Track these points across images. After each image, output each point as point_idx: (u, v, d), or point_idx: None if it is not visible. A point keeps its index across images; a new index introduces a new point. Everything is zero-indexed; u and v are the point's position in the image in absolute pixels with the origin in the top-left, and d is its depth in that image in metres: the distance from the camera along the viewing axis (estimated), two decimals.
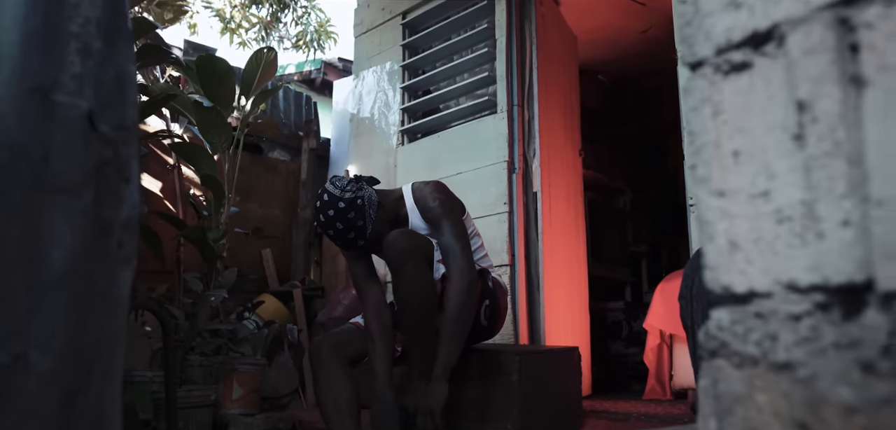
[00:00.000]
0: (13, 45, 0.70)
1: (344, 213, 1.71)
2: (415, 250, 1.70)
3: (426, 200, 1.84)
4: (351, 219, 1.72)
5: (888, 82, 0.43)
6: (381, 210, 1.78)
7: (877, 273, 0.43)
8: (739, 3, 0.54)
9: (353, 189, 1.74)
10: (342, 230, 1.72)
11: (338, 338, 1.90)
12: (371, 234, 1.75)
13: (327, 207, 1.72)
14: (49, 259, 0.70)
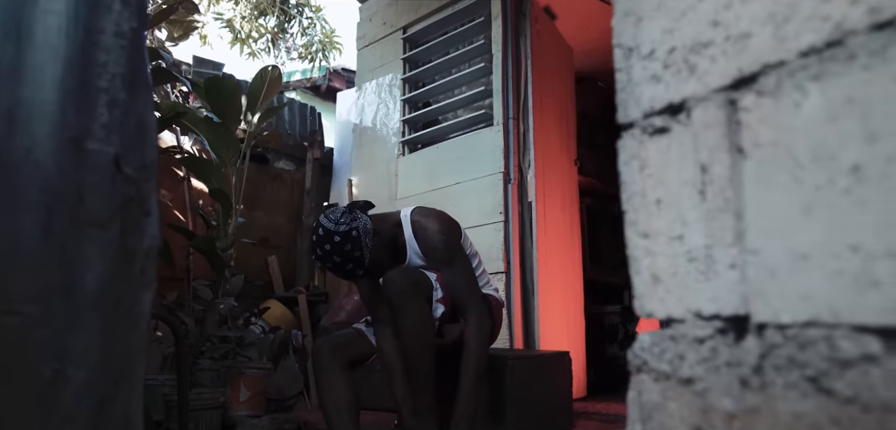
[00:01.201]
0: (53, 103, 0.82)
1: (340, 246, 1.74)
2: (414, 288, 1.75)
3: (430, 240, 1.87)
4: (348, 251, 1.74)
5: (760, 155, 0.54)
6: (376, 237, 1.81)
7: (752, 308, 0.54)
8: (659, 77, 0.65)
9: (348, 221, 1.76)
10: (340, 263, 1.75)
11: (338, 341, 1.96)
12: (369, 263, 1.78)
13: (323, 241, 1.75)
14: (83, 284, 0.82)
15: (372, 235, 1.80)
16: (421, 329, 1.75)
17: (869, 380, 0.45)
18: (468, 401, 1.77)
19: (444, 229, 1.92)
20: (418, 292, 1.77)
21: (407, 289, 1.74)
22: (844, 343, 0.47)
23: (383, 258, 1.84)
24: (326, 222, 1.76)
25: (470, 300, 1.86)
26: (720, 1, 0.58)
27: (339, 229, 1.75)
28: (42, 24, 0.83)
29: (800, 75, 0.51)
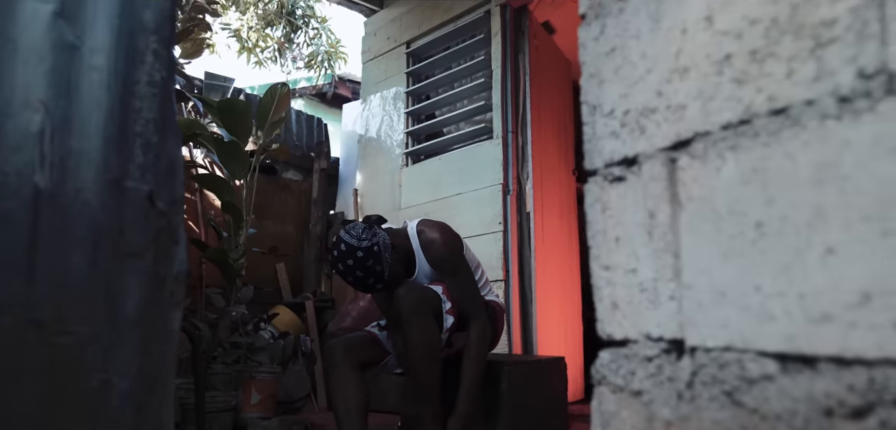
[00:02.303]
0: (97, 150, 0.94)
1: (363, 261, 1.84)
2: (422, 303, 1.86)
3: (435, 252, 1.99)
4: (370, 266, 1.84)
5: (692, 207, 0.65)
6: (394, 252, 1.92)
7: (686, 333, 0.66)
8: (617, 133, 0.77)
9: (369, 237, 1.86)
10: (362, 277, 1.86)
11: (351, 342, 2.06)
12: (388, 276, 1.89)
13: (346, 256, 1.84)
14: (124, 308, 0.94)
15: (390, 249, 1.91)
16: (426, 343, 1.85)
17: (766, 394, 0.56)
18: (466, 403, 1.89)
19: (447, 241, 2.04)
20: (425, 307, 1.88)
21: (414, 305, 1.85)
22: (751, 365, 0.58)
23: (399, 271, 1.95)
24: (348, 238, 1.86)
25: (473, 308, 1.99)
26: (663, 76, 0.70)
27: (361, 245, 1.85)
28: (87, 80, 0.95)
29: (720, 145, 0.62)
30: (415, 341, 1.84)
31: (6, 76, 0.86)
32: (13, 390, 0.79)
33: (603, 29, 0.79)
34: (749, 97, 0.59)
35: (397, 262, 1.95)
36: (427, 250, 2.02)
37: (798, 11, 0.55)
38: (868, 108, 0.49)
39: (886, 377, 0.47)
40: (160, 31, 1.06)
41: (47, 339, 0.83)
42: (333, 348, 2.00)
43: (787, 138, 0.56)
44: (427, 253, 2.02)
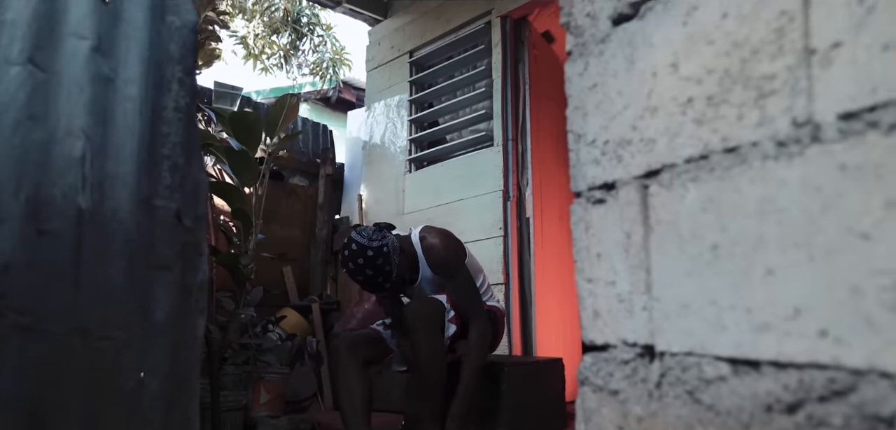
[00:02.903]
0: (131, 173, 1.04)
1: (373, 260, 1.93)
2: (433, 315, 1.98)
3: (437, 256, 2.10)
4: (379, 265, 1.93)
5: (660, 230, 0.74)
6: (402, 255, 2.03)
7: (656, 340, 0.75)
8: (599, 161, 0.86)
9: (379, 238, 1.96)
10: (371, 276, 1.95)
11: (357, 339, 2.16)
12: (396, 277, 1.99)
13: (356, 256, 1.94)
14: (155, 316, 1.04)
15: (398, 252, 2.01)
16: (432, 351, 1.96)
17: (720, 393, 0.65)
18: (463, 402, 1.99)
19: (447, 246, 2.13)
20: (433, 318, 2.00)
21: (421, 316, 1.97)
22: (708, 368, 0.67)
23: (405, 274, 2.05)
24: (359, 239, 1.96)
25: (473, 311, 2.09)
26: (636, 113, 0.79)
27: (371, 245, 1.95)
28: (122, 108, 1.05)
29: (684, 176, 0.72)
30: (421, 349, 1.94)
31: (52, 107, 0.97)
32: (63, 388, 0.89)
33: (586, 66, 0.89)
34: (707, 136, 0.69)
35: (404, 265, 2.05)
36: (428, 254, 2.12)
37: (746, 66, 0.65)
38: (799, 152, 0.58)
39: (813, 378, 0.56)
40: (184, 61, 1.16)
41: (91, 343, 0.93)
42: (339, 345, 2.10)
43: (736, 174, 0.65)
44: (428, 257, 2.12)
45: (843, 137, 0.54)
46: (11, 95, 0.90)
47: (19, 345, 0.83)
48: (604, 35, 0.85)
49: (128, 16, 1.08)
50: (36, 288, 0.87)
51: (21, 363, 0.83)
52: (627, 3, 0.81)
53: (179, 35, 1.16)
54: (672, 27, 0.74)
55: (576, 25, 0.91)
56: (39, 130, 0.93)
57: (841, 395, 0.54)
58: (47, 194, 0.91)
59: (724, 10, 0.67)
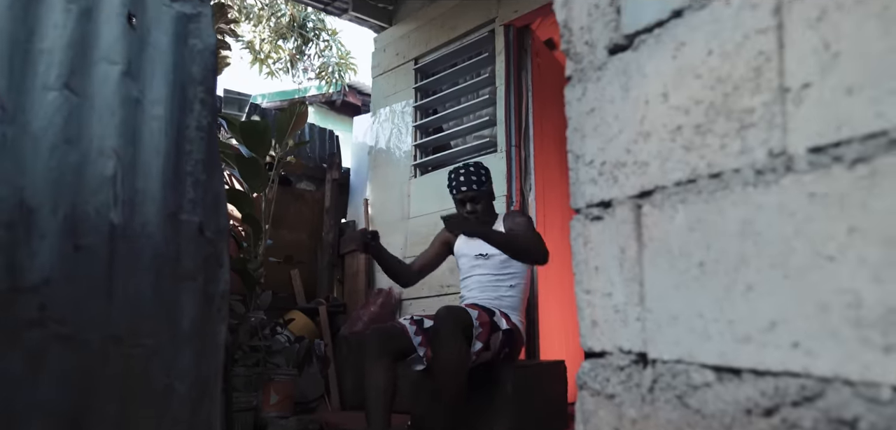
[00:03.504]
0: (159, 190, 1.11)
1: (479, 169, 2.51)
2: (458, 327, 2.14)
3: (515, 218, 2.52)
4: (482, 175, 2.49)
5: (652, 247, 0.81)
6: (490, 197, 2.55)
7: (649, 348, 0.81)
8: (596, 180, 0.92)
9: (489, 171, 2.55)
10: (472, 172, 2.46)
11: (387, 332, 2.34)
12: (483, 190, 2.47)
13: (469, 165, 2.52)
14: (181, 323, 1.11)
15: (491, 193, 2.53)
16: (456, 362, 2.09)
17: (706, 398, 0.72)
18: (489, 233, 2.29)
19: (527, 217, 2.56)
20: (462, 329, 2.14)
21: (452, 328, 2.10)
22: (695, 375, 0.74)
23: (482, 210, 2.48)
24: (476, 162, 2.56)
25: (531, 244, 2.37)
26: (631, 137, 0.86)
27: (483, 165, 2.55)
28: (148, 128, 1.12)
29: (673, 198, 0.78)
30: (446, 357, 2.05)
31: (85, 130, 1.03)
32: (99, 393, 0.96)
33: (584, 91, 0.95)
34: (694, 162, 0.75)
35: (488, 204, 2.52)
36: (507, 219, 2.51)
37: (728, 99, 0.71)
38: (774, 180, 0.64)
39: (787, 385, 0.63)
40: (206, 82, 1.23)
41: (123, 351, 1.00)
42: (371, 339, 2.24)
43: (720, 198, 0.71)
44: (506, 221, 2.50)
45: (812, 168, 0.61)
46: (49, 119, 0.97)
47: (60, 354, 0.90)
48: (601, 63, 0.92)
49: (154, 40, 1.15)
50: (74, 300, 0.94)
51: (62, 371, 0.89)
52: (623, 34, 0.87)
53: (201, 57, 1.23)
54: (663, 60, 0.80)
55: (575, 52, 0.98)
56: (74, 151, 0.99)
57: (811, 400, 0.60)
58: (82, 212, 0.98)
59: (709, 47, 0.73)
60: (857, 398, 0.56)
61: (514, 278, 2.47)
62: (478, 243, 2.48)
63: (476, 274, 2.50)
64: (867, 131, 0.55)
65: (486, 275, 2.47)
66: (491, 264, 2.46)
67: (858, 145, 0.56)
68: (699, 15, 0.75)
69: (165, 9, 1.16)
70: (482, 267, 2.49)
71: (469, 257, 2.53)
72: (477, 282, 2.48)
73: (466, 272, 2.55)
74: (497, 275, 2.47)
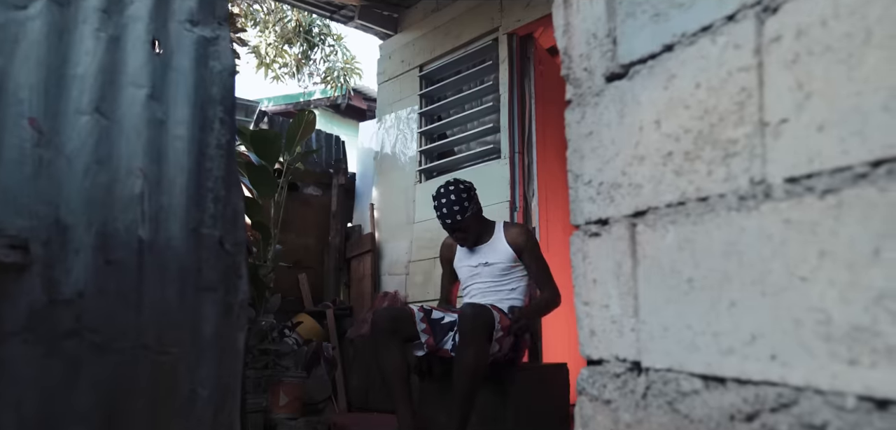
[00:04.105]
0: (182, 206, 1.18)
1: (459, 192, 2.41)
2: (484, 324, 2.22)
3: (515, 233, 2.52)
4: (462, 197, 2.41)
5: (646, 263, 0.87)
6: (478, 214, 2.50)
7: (642, 357, 0.87)
8: (594, 199, 0.98)
9: (471, 187, 2.49)
10: (453, 202, 2.39)
11: (395, 313, 2.44)
12: (467, 217, 2.41)
13: (448, 185, 2.44)
14: (203, 331, 1.17)
15: (478, 210, 2.48)
16: (476, 358, 2.16)
17: (694, 404, 0.78)
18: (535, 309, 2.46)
19: (526, 230, 2.58)
20: (484, 327, 2.21)
21: (476, 322, 2.18)
22: (684, 383, 0.80)
23: (473, 230, 2.47)
24: (458, 181, 2.49)
25: (546, 281, 2.49)
26: (626, 160, 0.92)
27: (465, 184, 2.48)
28: (172, 148, 1.19)
29: (665, 218, 0.84)
30: (467, 353, 2.12)
31: (115, 151, 1.10)
32: (130, 398, 1.03)
33: (584, 115, 1.01)
34: (684, 186, 0.81)
35: (477, 222, 2.48)
36: (507, 230, 2.51)
37: (715, 129, 0.77)
38: (755, 206, 0.71)
39: (766, 393, 0.69)
40: (225, 102, 1.29)
41: (152, 358, 1.07)
42: (380, 317, 2.37)
43: (707, 220, 0.77)
44: (507, 233, 2.50)
45: (788, 196, 0.67)
46: (82, 142, 1.03)
47: (94, 362, 0.97)
48: (599, 89, 0.98)
49: (176, 63, 1.21)
50: (106, 311, 1.00)
51: (96, 378, 0.96)
52: (619, 64, 0.93)
53: (220, 78, 1.29)
54: (655, 90, 0.87)
55: (575, 78, 1.04)
56: (105, 171, 1.06)
57: (787, 407, 0.66)
58: (113, 228, 1.04)
59: (697, 80, 0.79)
60: (826, 406, 0.62)
61: (514, 281, 2.53)
62: (479, 254, 2.53)
63: (477, 282, 2.55)
64: (835, 166, 0.61)
65: (487, 281, 2.52)
66: (491, 270, 2.51)
67: (827, 178, 0.62)
68: (688, 50, 0.81)
69: (187, 34, 1.22)
70: (482, 275, 2.53)
71: (470, 268, 2.58)
72: (478, 289, 2.54)
73: (467, 281, 2.60)
74: (498, 279, 2.52)
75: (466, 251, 2.58)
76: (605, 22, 0.96)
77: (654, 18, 0.87)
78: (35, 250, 0.93)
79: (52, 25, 1.03)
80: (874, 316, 0.57)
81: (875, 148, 0.58)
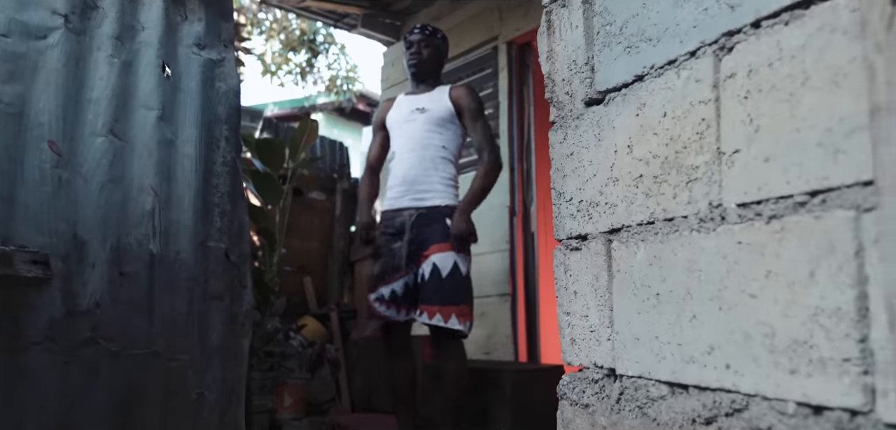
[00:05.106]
0: (190, 221, 1.25)
1: (437, 30, 2.62)
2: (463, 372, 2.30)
3: (459, 92, 2.55)
4: (439, 35, 2.60)
5: (619, 277, 0.94)
6: (441, 60, 2.64)
7: (617, 365, 0.94)
8: (575, 216, 1.05)
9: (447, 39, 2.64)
10: (430, 27, 2.58)
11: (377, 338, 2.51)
12: (435, 42, 2.58)
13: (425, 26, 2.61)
14: (211, 339, 1.25)
15: (442, 58, 2.68)
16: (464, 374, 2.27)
17: (661, 408, 0.85)
18: (471, 202, 2.43)
19: (472, 91, 2.58)
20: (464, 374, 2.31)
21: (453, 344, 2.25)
22: (652, 389, 0.86)
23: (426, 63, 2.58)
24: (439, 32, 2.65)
25: (488, 147, 2.51)
26: (603, 181, 0.98)
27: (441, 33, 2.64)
28: (181, 166, 1.26)
29: (636, 236, 0.91)
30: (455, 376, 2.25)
31: (127, 170, 1.18)
32: (143, 401, 1.10)
33: (565, 136, 1.08)
34: (653, 206, 0.88)
35: (435, 63, 2.61)
36: (453, 88, 2.56)
37: (679, 156, 0.84)
38: (713, 228, 0.77)
39: (722, 399, 0.75)
40: (230, 121, 1.37)
41: (162, 364, 1.14)
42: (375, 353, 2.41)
43: (672, 239, 0.84)
44: (452, 90, 2.55)
45: (741, 220, 0.73)
46: (97, 162, 1.11)
47: (110, 368, 1.04)
48: (579, 113, 1.05)
49: (184, 85, 1.28)
50: (120, 320, 1.08)
51: (112, 383, 1.04)
52: (596, 90, 1.00)
53: (226, 98, 1.36)
54: (628, 116, 0.93)
55: (557, 101, 1.11)
56: (119, 189, 1.14)
57: (739, 412, 0.73)
58: (126, 243, 1.12)
59: (664, 110, 0.86)
60: (771, 411, 0.68)
61: (447, 139, 2.51)
62: (418, 99, 2.54)
63: (408, 132, 2.51)
64: (779, 194, 0.68)
65: (420, 130, 2.48)
66: (426, 117, 2.49)
67: (773, 205, 0.69)
68: (656, 81, 0.88)
69: (194, 57, 1.30)
70: (417, 121, 2.50)
71: (405, 113, 2.53)
72: (408, 140, 2.50)
73: (398, 131, 2.55)
74: (431, 130, 2.48)
75: (404, 100, 2.58)
76: (584, 50, 1.03)
77: (627, 50, 0.94)
78: (55, 264, 1.01)
79: (69, 54, 1.11)
80: (810, 331, 0.64)
81: (812, 179, 0.65)
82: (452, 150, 2.51)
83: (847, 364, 0.60)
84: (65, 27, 1.10)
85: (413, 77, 2.63)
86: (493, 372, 2.56)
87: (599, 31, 1.00)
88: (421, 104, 2.51)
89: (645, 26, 0.90)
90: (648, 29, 0.89)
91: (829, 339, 0.62)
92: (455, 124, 2.50)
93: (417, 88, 2.61)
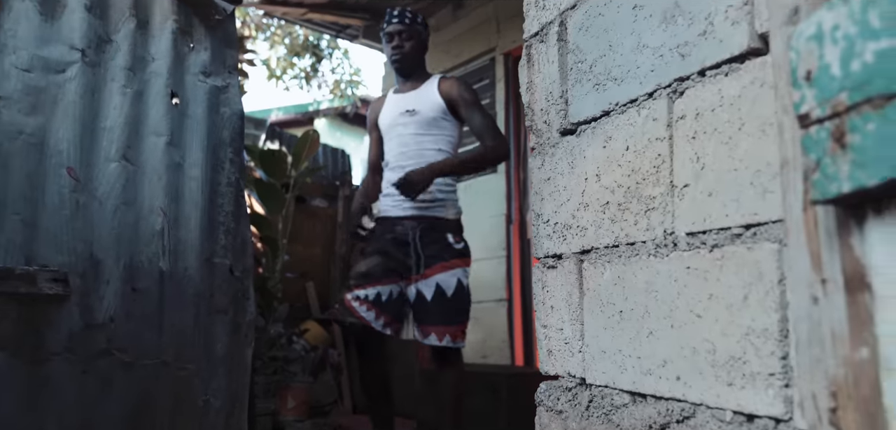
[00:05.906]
0: (196, 239, 1.34)
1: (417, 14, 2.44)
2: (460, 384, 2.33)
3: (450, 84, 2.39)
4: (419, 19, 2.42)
5: (589, 295, 1.02)
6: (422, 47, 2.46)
7: (587, 375, 1.03)
8: (551, 236, 1.14)
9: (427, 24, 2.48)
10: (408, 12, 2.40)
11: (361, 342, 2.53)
12: (414, 28, 2.40)
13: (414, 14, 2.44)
14: (215, 349, 1.34)
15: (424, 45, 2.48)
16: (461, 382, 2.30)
17: (624, 415, 0.93)
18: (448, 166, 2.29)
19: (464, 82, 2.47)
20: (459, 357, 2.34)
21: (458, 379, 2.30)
22: (616, 397, 0.95)
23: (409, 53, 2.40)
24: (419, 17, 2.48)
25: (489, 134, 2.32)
26: (575, 205, 1.07)
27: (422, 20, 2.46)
28: (188, 187, 1.35)
29: (603, 258, 0.99)
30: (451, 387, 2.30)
31: (139, 193, 1.27)
32: (153, 408, 1.19)
33: (543, 162, 1.17)
34: (617, 231, 0.96)
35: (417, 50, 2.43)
36: (441, 82, 2.40)
37: (639, 187, 0.92)
38: (667, 253, 0.86)
39: (673, 407, 0.84)
40: (234, 143, 1.46)
41: (172, 374, 1.23)
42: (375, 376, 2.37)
43: (633, 262, 0.92)
44: (441, 84, 2.38)
45: (689, 247, 0.82)
46: (111, 186, 1.20)
47: (123, 377, 1.14)
48: (555, 142, 1.14)
49: (191, 111, 1.38)
50: (133, 333, 1.17)
51: (125, 391, 1.13)
52: (570, 122, 1.09)
53: (230, 122, 1.45)
54: (597, 148, 1.02)
55: (537, 129, 1.19)
56: (131, 211, 1.23)
57: (687, 420, 0.82)
58: (138, 261, 1.21)
59: (627, 144, 0.95)
60: (713, 419, 0.77)
61: (442, 140, 2.35)
62: (406, 100, 2.37)
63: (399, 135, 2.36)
64: (720, 226, 0.77)
65: (411, 133, 2.34)
66: (417, 120, 2.33)
67: (715, 235, 0.78)
68: (621, 117, 0.96)
69: (200, 84, 1.39)
70: (408, 125, 2.34)
71: (394, 116, 2.38)
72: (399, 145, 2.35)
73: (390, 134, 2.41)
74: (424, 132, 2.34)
75: (393, 99, 2.42)
76: (559, 84, 1.12)
77: (596, 87, 1.02)
78: (73, 282, 1.10)
79: (86, 86, 1.20)
80: (744, 348, 0.72)
81: (746, 214, 0.73)
82: (449, 150, 2.36)
83: (772, 378, 0.68)
84: (82, 61, 1.19)
85: (398, 73, 2.45)
86: (490, 376, 2.64)
87: (573, 68, 1.08)
88: (410, 105, 2.34)
89: (611, 66, 0.98)
90: (614, 69, 0.98)
91: (759, 356, 0.70)
92: (448, 120, 2.34)
93: (404, 84, 2.45)
